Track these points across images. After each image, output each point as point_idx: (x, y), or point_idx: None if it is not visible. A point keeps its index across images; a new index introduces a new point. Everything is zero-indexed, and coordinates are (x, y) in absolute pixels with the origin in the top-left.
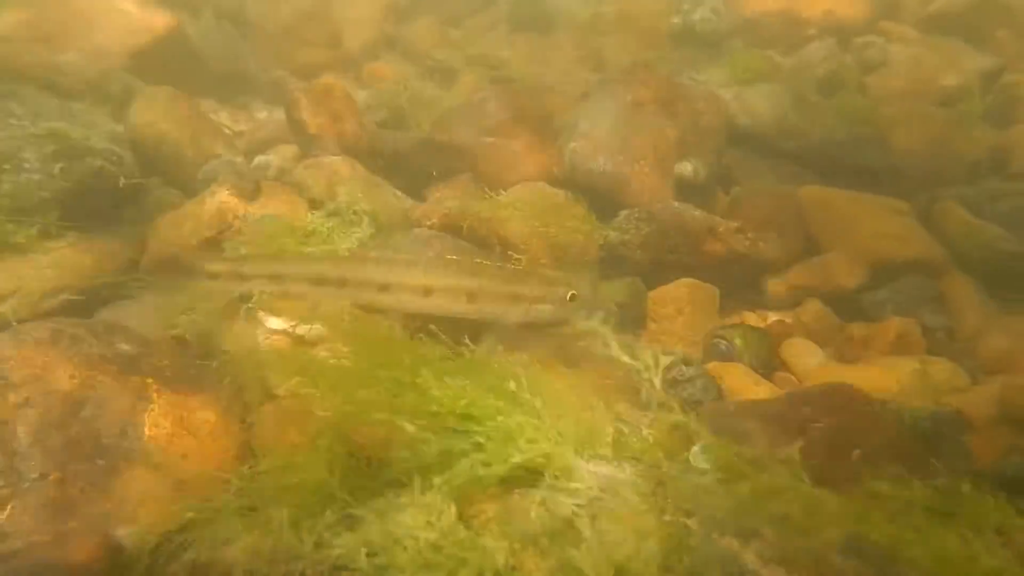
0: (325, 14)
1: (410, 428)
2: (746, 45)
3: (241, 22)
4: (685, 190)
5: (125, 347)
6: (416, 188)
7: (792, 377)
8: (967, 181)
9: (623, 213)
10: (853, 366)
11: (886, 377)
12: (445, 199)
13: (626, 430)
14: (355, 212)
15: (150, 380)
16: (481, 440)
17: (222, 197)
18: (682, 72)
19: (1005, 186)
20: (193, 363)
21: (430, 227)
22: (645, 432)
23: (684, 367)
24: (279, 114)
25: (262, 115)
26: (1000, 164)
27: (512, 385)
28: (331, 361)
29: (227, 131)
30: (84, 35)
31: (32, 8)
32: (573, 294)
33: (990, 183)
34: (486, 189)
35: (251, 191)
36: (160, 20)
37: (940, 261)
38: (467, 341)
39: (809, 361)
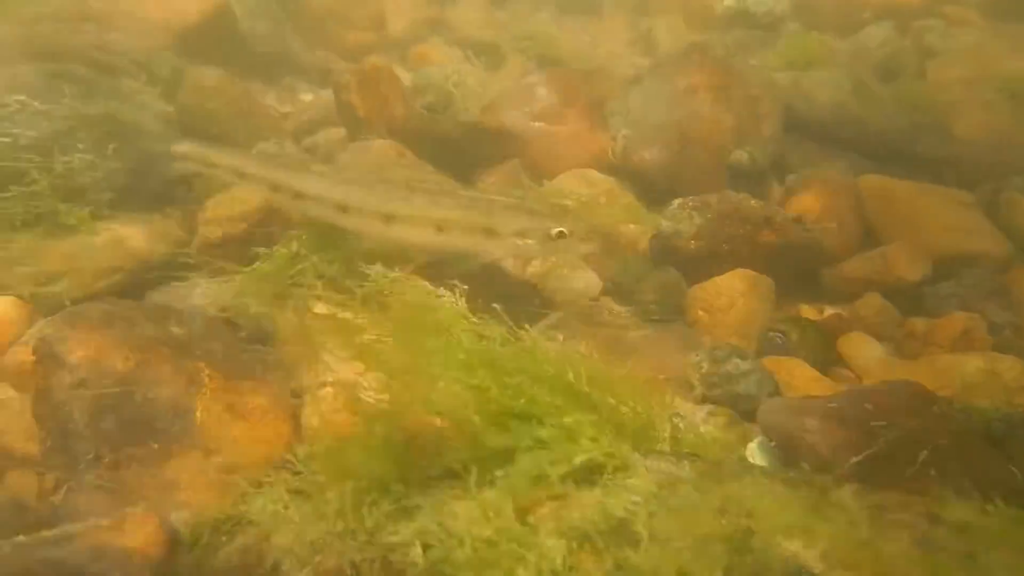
0: None
1: (476, 420)
2: (802, 28)
3: (287, 3)
4: (739, 178)
5: (177, 330)
6: (464, 173)
7: (851, 373)
8: None
9: (676, 202)
10: (915, 362)
11: (950, 374)
12: (493, 185)
13: (682, 425)
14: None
15: (202, 364)
16: (543, 437)
17: None
18: (736, 56)
19: None
20: (244, 347)
21: None
22: (702, 428)
23: (739, 360)
24: (325, 96)
25: (308, 97)
26: None
27: (571, 377)
28: (386, 347)
29: (275, 112)
30: (132, 14)
31: None
32: (560, 231)
33: None
34: (534, 176)
35: None
36: (207, 1)
37: (1006, 255)
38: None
39: (868, 356)
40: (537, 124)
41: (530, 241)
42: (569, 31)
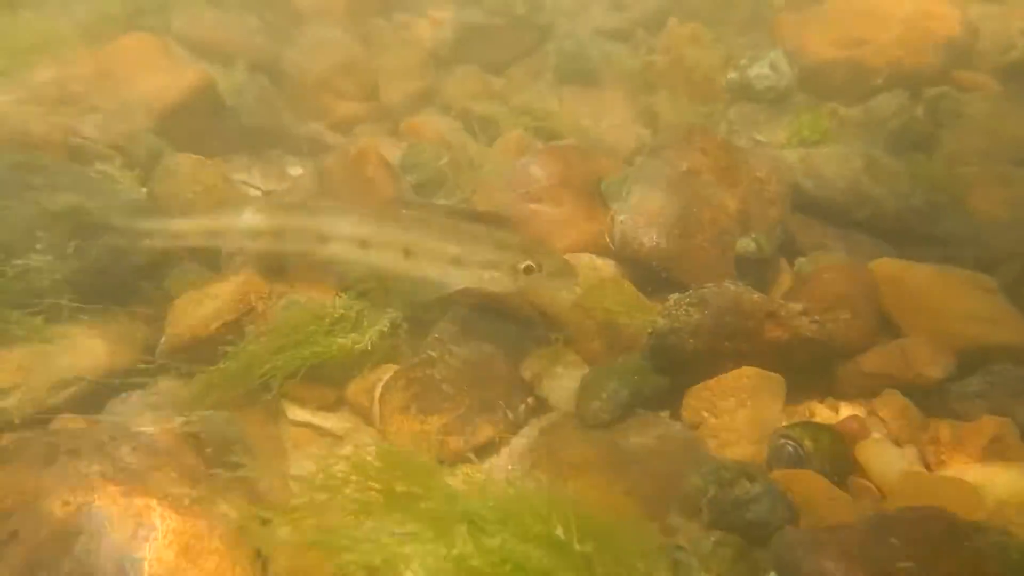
0: (363, 65)
1: None
2: (809, 99)
3: (276, 74)
4: (746, 264)
5: (131, 459)
6: None
7: (870, 485)
8: None
9: (672, 297)
10: (941, 476)
11: (982, 491)
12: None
13: (686, 559)
14: (386, 291)
15: (155, 502)
16: None
17: (245, 276)
18: (742, 132)
19: None
20: (206, 472)
21: (467, 306)
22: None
23: (748, 483)
24: (314, 169)
25: (296, 171)
26: None
27: (560, 532)
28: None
29: (257, 192)
30: (111, 95)
31: (61, 66)
32: (529, 265)
33: None
34: None
35: (276, 269)
36: (190, 76)
37: None
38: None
39: (890, 467)
40: (532, 206)
41: (497, 274)
42: (569, 102)
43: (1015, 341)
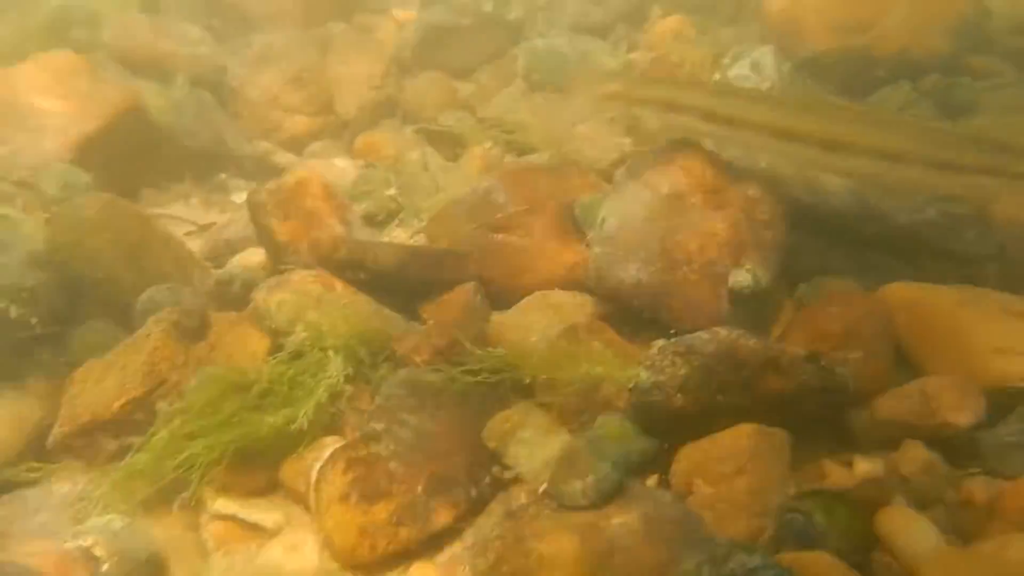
0: (316, 77)
1: None
2: (806, 94)
3: (221, 89)
4: (742, 298)
5: None
6: (412, 304)
7: (895, 563)
8: None
9: (656, 345)
10: (979, 550)
11: None
12: (437, 325)
13: None
14: (322, 350)
15: None
16: None
17: (156, 340)
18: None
19: None
20: None
21: (421, 364)
22: None
23: (745, 555)
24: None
25: (241, 198)
26: None
27: None
28: None
29: (191, 228)
30: (22, 125)
31: None
32: None
33: None
34: (495, 301)
35: (196, 329)
36: (114, 98)
37: None
38: None
39: (917, 544)
40: (496, 236)
41: None
42: (541, 109)
43: None
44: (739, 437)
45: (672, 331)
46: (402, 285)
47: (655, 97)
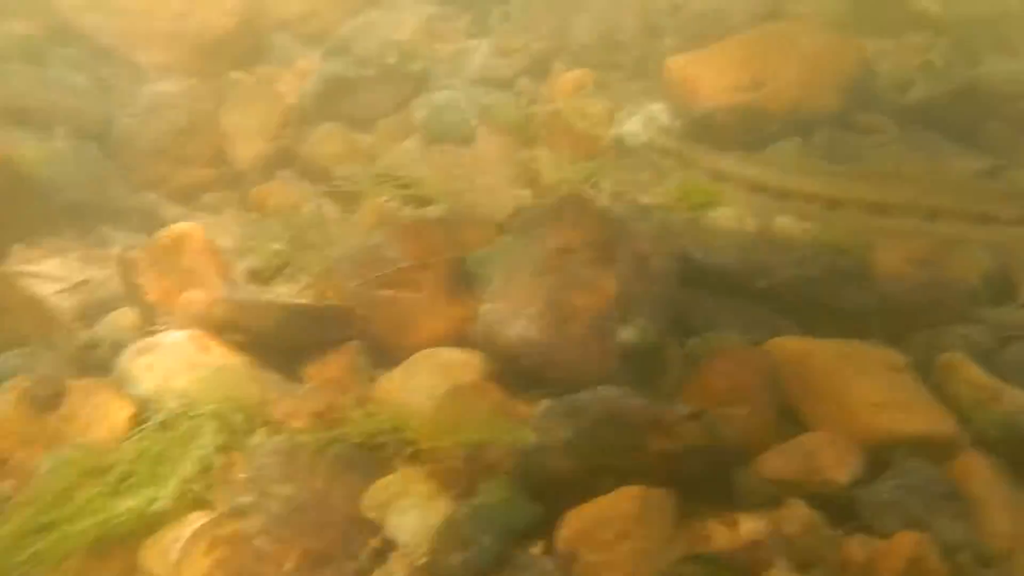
0: (209, 126)
1: None
2: (702, 151)
3: (107, 140)
4: (632, 354)
5: None
6: (294, 365)
7: None
8: (966, 315)
9: (543, 406)
10: None
11: None
12: (315, 387)
13: None
14: (193, 417)
15: None
16: None
17: (3, 412)
18: (625, 195)
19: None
20: None
21: (298, 430)
22: None
23: None
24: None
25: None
26: (1003, 288)
27: None
28: None
29: (62, 286)
30: None
31: None
32: None
33: (996, 316)
34: (380, 359)
35: (49, 398)
36: None
37: (949, 435)
38: None
39: None
40: (385, 292)
41: None
42: (439, 162)
43: (927, 431)
44: (622, 500)
45: (559, 390)
46: (284, 344)
47: None
